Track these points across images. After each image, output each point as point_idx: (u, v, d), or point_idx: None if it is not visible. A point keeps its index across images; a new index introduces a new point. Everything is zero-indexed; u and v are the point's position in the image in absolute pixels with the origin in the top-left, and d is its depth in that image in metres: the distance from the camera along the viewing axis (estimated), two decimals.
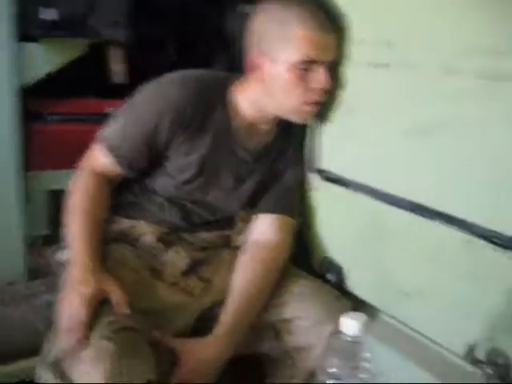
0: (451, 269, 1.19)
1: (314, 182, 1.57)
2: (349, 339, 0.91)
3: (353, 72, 1.40)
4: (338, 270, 1.53)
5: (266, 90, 1.40)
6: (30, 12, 1.71)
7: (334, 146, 1.51)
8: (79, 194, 1.40)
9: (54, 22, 1.69)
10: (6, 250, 1.84)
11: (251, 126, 1.47)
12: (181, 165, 1.44)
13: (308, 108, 1.40)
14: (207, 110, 1.41)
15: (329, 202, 1.55)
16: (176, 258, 1.47)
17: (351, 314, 0.92)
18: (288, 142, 1.55)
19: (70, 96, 1.94)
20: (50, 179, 1.91)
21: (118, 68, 1.89)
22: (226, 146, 1.45)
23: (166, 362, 1.27)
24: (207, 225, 1.55)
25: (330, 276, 1.54)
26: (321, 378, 0.90)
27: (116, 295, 1.23)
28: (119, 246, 1.44)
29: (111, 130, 1.44)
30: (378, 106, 1.35)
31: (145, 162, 1.43)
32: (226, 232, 1.58)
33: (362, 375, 0.89)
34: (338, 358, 0.90)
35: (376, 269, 1.40)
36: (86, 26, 1.74)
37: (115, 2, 1.76)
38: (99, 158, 1.44)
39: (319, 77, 1.35)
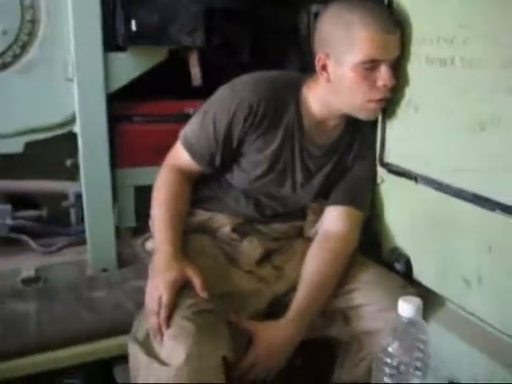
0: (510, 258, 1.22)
1: (382, 174, 1.63)
2: (405, 321, 0.97)
3: (416, 69, 1.45)
4: (405, 260, 1.58)
5: (333, 90, 1.48)
6: (115, 24, 1.85)
7: (399, 141, 1.56)
8: (163, 189, 1.53)
9: (137, 32, 1.82)
10: (99, 241, 1.98)
11: (320, 123, 1.55)
12: (254, 160, 1.54)
13: (373, 105, 1.47)
14: (279, 109, 1.50)
15: (396, 194, 1.60)
16: (251, 248, 1.57)
17: (407, 298, 0.98)
18: (355, 137, 1.61)
19: (152, 98, 2.06)
20: (136, 176, 2.01)
21: (195, 71, 1.99)
22: (296, 142, 1.54)
23: (241, 342, 1.38)
24: (280, 216, 1.64)
25: (398, 265, 1.59)
26: (379, 355, 0.97)
27: (196, 280, 1.34)
28: (199, 236, 1.56)
29: (189, 129, 1.56)
30: (441, 101, 1.39)
31: (221, 158, 1.53)
32: (298, 223, 1.67)
33: (416, 354, 0.95)
34: (395, 337, 0.97)
35: (440, 258, 1.45)
36: (166, 35, 1.85)
37: (192, 10, 1.86)
38: (179, 156, 1.56)
39: (383, 75, 1.41)
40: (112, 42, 1.88)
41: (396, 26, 1.42)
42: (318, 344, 1.53)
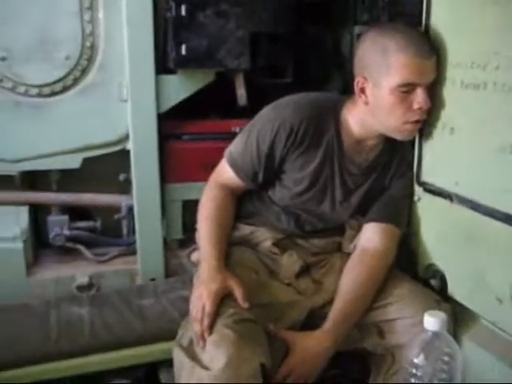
0: None
1: (418, 193, 1.67)
2: (430, 334, 1.02)
3: (451, 92, 1.50)
4: (440, 276, 1.61)
5: (371, 112, 1.54)
6: (166, 48, 1.98)
7: (435, 161, 1.60)
8: (208, 204, 1.62)
9: (187, 56, 1.93)
10: (148, 251, 2.09)
11: (359, 142, 1.61)
12: (296, 178, 1.61)
13: (409, 127, 1.52)
14: (319, 129, 1.57)
15: (432, 212, 1.64)
16: (290, 262, 1.64)
17: (433, 312, 1.03)
18: (393, 156, 1.66)
19: (200, 117, 2.16)
20: (184, 190, 2.11)
21: (241, 92, 2.09)
22: (336, 161, 1.61)
23: (279, 351, 1.44)
24: (319, 232, 1.71)
25: (433, 282, 1.63)
26: (405, 366, 1.03)
27: (238, 291, 1.42)
28: (241, 249, 1.64)
29: (234, 147, 1.65)
30: (475, 124, 1.43)
31: (263, 175, 1.62)
32: (336, 239, 1.73)
33: (442, 366, 1.00)
34: (421, 350, 1.02)
35: (474, 275, 1.48)
36: (214, 58, 1.96)
37: (238, 35, 1.96)
38: (225, 173, 1.65)
39: (418, 98, 1.46)
40: (163, 65, 2.01)
41: (432, 50, 1.47)
42: (352, 356, 1.58)
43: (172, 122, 2.10)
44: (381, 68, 1.46)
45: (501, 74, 1.33)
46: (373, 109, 1.53)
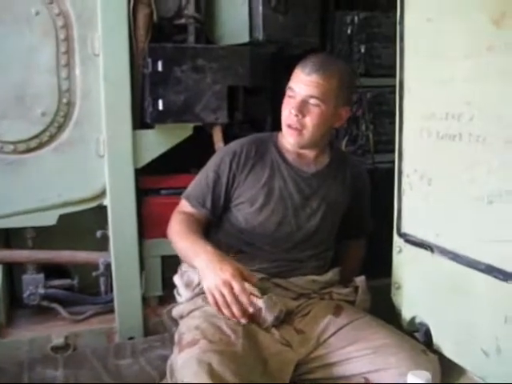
0: None
1: (400, 244, 1.66)
2: None
3: (428, 143, 1.51)
4: (425, 330, 1.58)
5: None
6: (143, 104, 1.99)
7: (414, 212, 1.60)
8: (175, 224, 1.72)
9: (164, 111, 1.94)
10: (126, 309, 2.04)
11: (300, 156, 1.76)
12: (250, 197, 1.72)
13: (287, 130, 1.69)
14: (261, 151, 1.75)
15: (413, 264, 1.63)
16: (270, 305, 1.55)
17: (417, 372, 1.00)
18: (345, 171, 1.82)
19: (178, 172, 2.14)
20: (163, 246, 2.05)
21: (220, 145, 2.08)
22: (285, 171, 1.74)
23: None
24: (296, 270, 1.71)
25: (418, 335, 1.60)
26: None
27: (246, 272, 1.50)
28: None
29: (189, 186, 1.80)
30: (452, 175, 1.44)
31: (211, 199, 1.73)
32: (314, 277, 1.73)
33: None
34: None
35: (458, 328, 1.46)
36: (191, 113, 1.97)
37: (216, 89, 1.98)
38: (181, 206, 1.78)
39: (293, 103, 1.65)
40: (140, 120, 2.01)
41: (317, 71, 1.63)
42: None
43: (150, 177, 2.10)
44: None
45: (475, 124, 1.35)
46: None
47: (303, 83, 1.64)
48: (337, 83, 1.65)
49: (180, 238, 1.67)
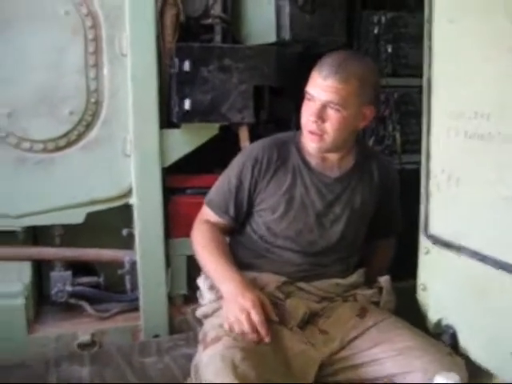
0: None
1: (427, 245, 1.64)
2: None
3: (456, 143, 1.49)
4: (451, 332, 1.56)
5: None
6: (170, 103, 2.00)
7: (442, 213, 1.58)
8: (200, 238, 1.70)
9: (190, 111, 1.95)
10: (151, 307, 2.05)
11: (324, 159, 1.70)
12: (272, 204, 1.67)
13: (308, 135, 1.62)
14: (283, 155, 1.69)
15: (441, 265, 1.60)
16: (294, 307, 1.58)
17: (445, 373, 0.99)
18: (372, 170, 1.76)
19: (205, 171, 2.14)
20: (188, 245, 1.98)
21: (246, 145, 2.08)
22: (307, 177, 1.68)
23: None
24: (320, 274, 1.68)
25: (444, 338, 1.57)
26: None
27: (268, 306, 1.48)
28: None
29: (211, 190, 1.76)
30: (481, 175, 1.42)
31: (234, 206, 1.69)
32: (338, 280, 1.70)
33: None
34: None
35: (486, 331, 1.43)
36: (217, 112, 1.98)
37: (242, 89, 1.99)
38: (204, 213, 1.75)
39: (311, 108, 1.58)
40: (167, 120, 2.02)
41: (334, 75, 1.54)
42: None
43: (176, 177, 2.11)
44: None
45: (504, 124, 1.32)
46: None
47: (321, 88, 1.55)
48: (357, 83, 1.55)
49: (205, 254, 1.66)
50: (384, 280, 1.73)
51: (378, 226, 1.81)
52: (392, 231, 1.90)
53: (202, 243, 1.67)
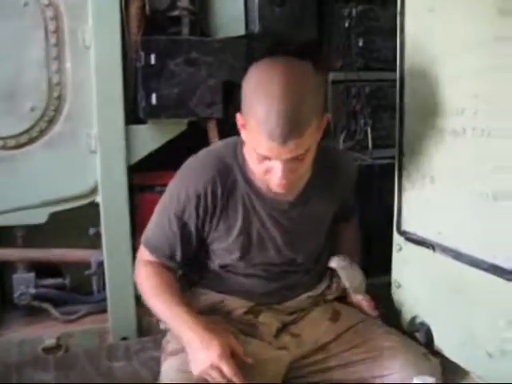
0: None
1: (400, 242, 1.62)
2: None
3: (430, 140, 1.47)
4: (426, 329, 1.55)
5: (247, 153, 1.41)
6: (136, 98, 1.93)
7: (416, 210, 1.56)
8: (146, 286, 1.49)
9: (157, 106, 1.88)
10: (119, 309, 1.99)
11: None
12: (226, 247, 1.49)
13: (276, 188, 1.37)
14: (228, 184, 1.45)
15: (414, 263, 1.59)
16: (267, 321, 1.53)
17: (421, 377, 0.96)
18: (332, 176, 1.54)
19: (172, 168, 2.09)
20: None
21: (215, 140, 2.03)
22: (261, 209, 1.47)
23: None
24: (289, 296, 1.58)
25: (418, 335, 1.57)
26: None
27: (238, 348, 1.35)
28: (212, 317, 1.48)
29: (148, 228, 1.54)
30: (455, 172, 1.41)
31: (182, 251, 1.49)
32: (309, 294, 1.62)
33: None
34: None
35: (461, 329, 1.42)
36: (185, 107, 1.91)
37: (210, 83, 1.92)
38: (144, 254, 1.54)
39: (275, 175, 1.31)
40: (133, 115, 1.95)
41: (291, 132, 1.24)
42: None
43: (143, 174, 2.04)
44: (251, 115, 1.29)
45: (479, 118, 1.31)
46: (247, 151, 1.41)
47: (282, 153, 1.27)
48: (313, 114, 1.28)
49: (156, 304, 1.45)
50: (335, 261, 1.61)
51: (336, 215, 1.65)
52: (350, 213, 1.74)
53: (151, 292, 1.47)
